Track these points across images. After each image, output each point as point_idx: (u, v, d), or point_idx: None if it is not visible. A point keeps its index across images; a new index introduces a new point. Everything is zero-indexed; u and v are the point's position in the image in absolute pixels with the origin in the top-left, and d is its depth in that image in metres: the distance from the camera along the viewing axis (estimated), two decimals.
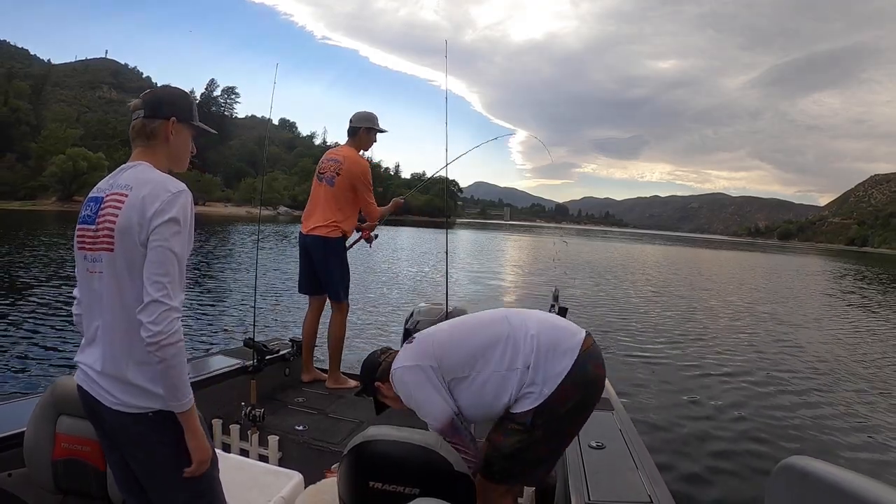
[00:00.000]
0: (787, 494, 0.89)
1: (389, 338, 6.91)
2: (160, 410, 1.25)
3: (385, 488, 1.43)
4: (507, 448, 1.56)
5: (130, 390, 1.25)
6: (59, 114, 71.90)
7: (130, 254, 1.24)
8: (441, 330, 1.72)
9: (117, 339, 1.26)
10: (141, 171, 1.32)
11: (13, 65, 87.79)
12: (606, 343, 7.95)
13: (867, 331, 10.97)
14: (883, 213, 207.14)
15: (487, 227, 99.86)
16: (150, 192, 1.25)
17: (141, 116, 1.38)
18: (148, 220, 1.23)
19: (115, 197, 1.29)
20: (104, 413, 1.28)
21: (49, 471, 1.59)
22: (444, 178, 4.27)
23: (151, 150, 1.38)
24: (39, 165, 52.42)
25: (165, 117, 1.39)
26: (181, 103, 1.43)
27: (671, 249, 56.75)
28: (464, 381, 1.58)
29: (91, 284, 1.31)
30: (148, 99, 1.40)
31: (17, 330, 6.88)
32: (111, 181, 1.34)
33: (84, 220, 1.33)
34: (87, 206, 1.34)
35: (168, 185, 1.28)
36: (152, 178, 1.30)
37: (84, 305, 1.36)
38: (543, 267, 22.05)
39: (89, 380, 1.30)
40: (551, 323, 1.65)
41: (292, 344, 3.35)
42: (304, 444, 2.53)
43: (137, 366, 1.25)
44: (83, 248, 1.32)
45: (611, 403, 2.31)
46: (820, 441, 4.63)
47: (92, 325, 1.32)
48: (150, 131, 1.38)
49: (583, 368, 1.54)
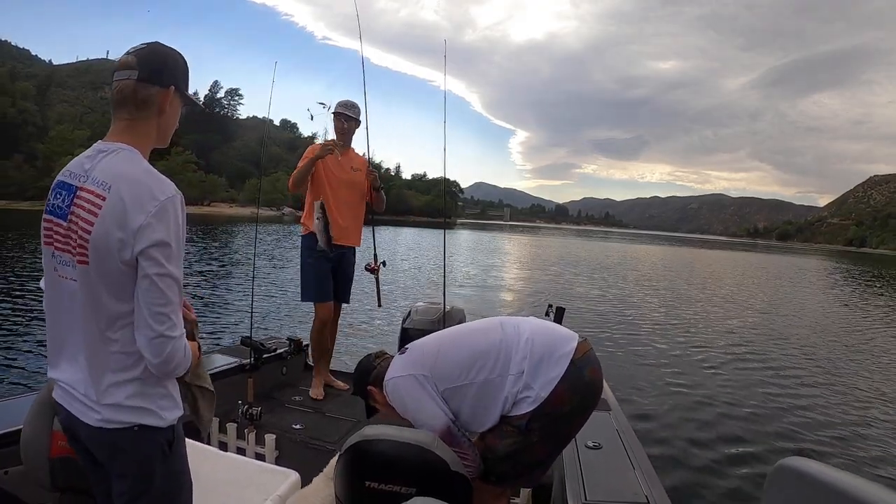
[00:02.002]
0: (784, 495, 0.89)
1: (387, 337, 6.91)
2: (144, 425, 1.14)
3: (381, 487, 1.43)
4: (502, 450, 1.56)
5: (111, 408, 1.12)
6: (65, 115, 72.34)
7: (108, 270, 1.07)
8: (434, 339, 1.72)
9: (94, 358, 1.12)
10: (122, 161, 1.10)
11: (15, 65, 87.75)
12: (604, 343, 7.95)
13: (866, 331, 10.98)
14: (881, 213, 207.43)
15: (487, 228, 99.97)
16: (134, 200, 1.05)
17: (133, 78, 1.12)
18: (132, 236, 1.04)
19: (90, 196, 1.08)
20: (84, 431, 1.16)
21: (46, 469, 1.58)
22: (444, 178, 4.28)
23: (141, 125, 1.15)
24: (47, 166, 53.13)
25: (165, 85, 1.16)
26: (183, 69, 1.21)
27: (669, 249, 56.86)
28: (459, 389, 1.58)
29: (59, 288, 1.14)
30: (146, 58, 1.14)
31: (14, 327, 6.88)
32: (87, 166, 1.12)
33: (53, 211, 1.13)
34: (57, 194, 1.13)
35: (154, 189, 1.07)
36: (135, 177, 1.08)
37: (50, 307, 1.18)
38: (542, 266, 22.06)
39: (69, 397, 1.16)
40: (546, 329, 1.65)
41: (290, 343, 3.34)
42: (300, 442, 2.53)
43: (116, 384, 1.12)
44: (51, 244, 1.14)
45: (608, 403, 2.31)
46: (817, 442, 4.63)
47: (60, 334, 1.17)
48: (142, 99, 1.13)
49: (578, 373, 1.54)
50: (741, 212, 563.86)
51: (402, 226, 56.95)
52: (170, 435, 1.18)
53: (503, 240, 50.07)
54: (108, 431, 1.12)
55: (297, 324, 7.53)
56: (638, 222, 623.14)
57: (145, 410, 1.14)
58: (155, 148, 1.21)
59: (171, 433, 1.19)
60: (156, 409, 1.15)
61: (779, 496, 0.90)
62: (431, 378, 1.58)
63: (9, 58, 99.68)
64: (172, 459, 1.20)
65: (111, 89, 1.16)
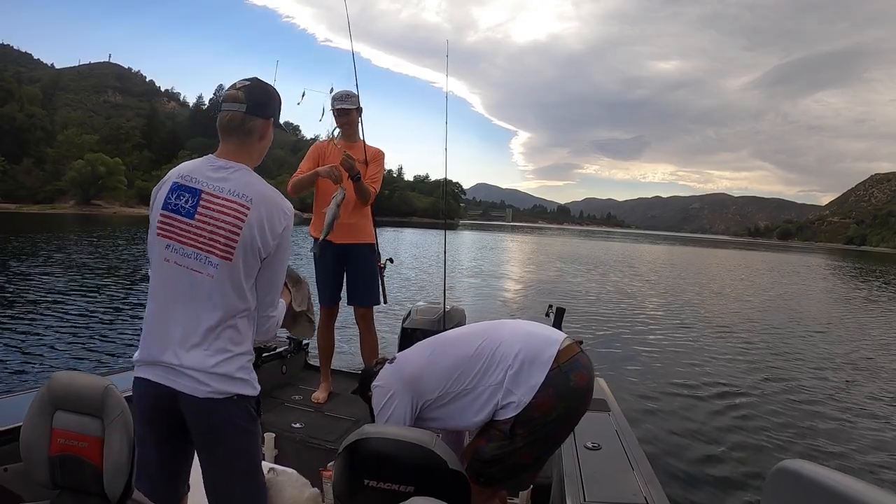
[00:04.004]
0: (782, 498, 0.89)
1: (386, 337, 6.91)
2: (242, 395, 1.35)
3: (380, 486, 1.43)
4: (488, 453, 1.58)
5: (218, 379, 1.32)
6: (72, 119, 73.20)
7: (248, 266, 1.32)
8: (420, 349, 1.75)
9: (211, 339, 1.31)
10: (250, 179, 1.35)
11: (18, 69, 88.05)
12: (604, 343, 7.95)
13: (864, 332, 10.94)
14: (882, 211, 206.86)
15: (489, 229, 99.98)
16: (273, 214, 1.33)
17: (242, 111, 1.33)
18: (268, 242, 1.32)
19: (234, 206, 1.30)
20: (189, 404, 1.32)
21: (45, 466, 1.58)
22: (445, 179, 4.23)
23: (246, 149, 1.36)
24: (56, 170, 53.82)
25: (266, 117, 1.37)
26: (279, 103, 1.41)
27: (669, 249, 56.83)
28: (441, 398, 1.62)
29: (177, 277, 1.31)
30: (251, 94, 1.34)
31: (15, 324, 6.90)
32: (214, 178, 1.32)
33: (176, 209, 1.31)
34: (179, 195, 1.31)
35: (284, 206, 1.37)
36: (269, 196, 1.35)
37: (161, 294, 1.35)
38: (543, 266, 22.04)
39: (172, 372, 1.32)
40: (530, 334, 1.65)
41: (290, 342, 3.33)
42: (300, 441, 2.53)
43: (226, 359, 1.33)
44: (167, 237, 1.31)
45: (607, 404, 2.30)
46: (816, 444, 4.61)
47: (171, 319, 1.33)
48: (248, 128, 1.34)
49: (563, 378, 1.54)
50: (743, 211, 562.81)
51: (405, 227, 56.95)
52: (257, 402, 1.41)
53: (505, 240, 50.09)
54: (215, 401, 1.32)
55: None
56: (640, 222, 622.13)
57: (245, 381, 1.36)
58: (165, 152, 1.33)
59: (258, 401, 1.42)
60: (251, 379, 1.39)
61: (777, 498, 0.90)
62: (409, 390, 1.63)
63: (11, 61, 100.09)
64: (257, 422, 1.42)
65: (220, 116, 1.36)
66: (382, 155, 3.06)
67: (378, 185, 3.01)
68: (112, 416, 1.53)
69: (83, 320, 7.50)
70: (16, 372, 5.24)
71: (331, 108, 2.97)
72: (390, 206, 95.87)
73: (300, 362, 3.46)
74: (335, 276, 3.04)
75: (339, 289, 3.09)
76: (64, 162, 53.78)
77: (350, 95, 2.96)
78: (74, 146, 55.81)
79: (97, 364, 5.65)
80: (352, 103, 2.95)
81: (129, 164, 56.32)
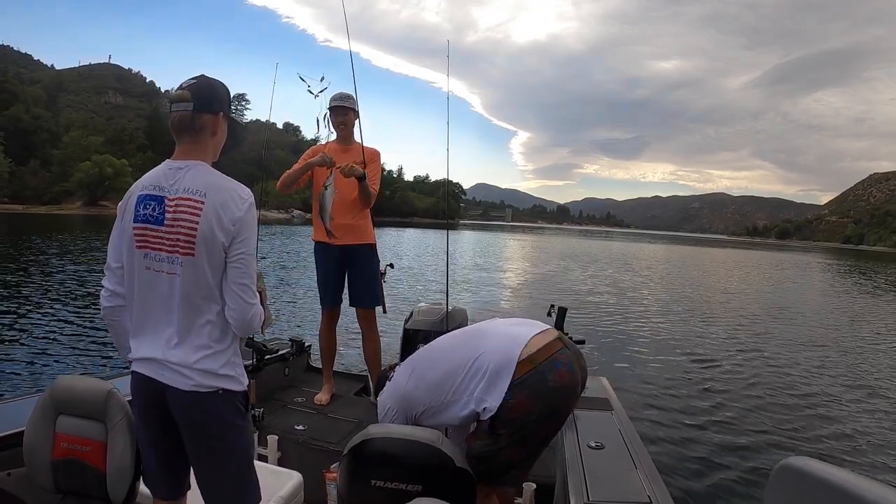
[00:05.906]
0: (786, 495, 0.89)
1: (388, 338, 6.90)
2: (228, 390, 1.38)
3: (387, 486, 1.43)
4: (475, 451, 1.61)
5: (201, 374, 1.35)
6: (78, 121, 73.54)
7: (212, 258, 1.33)
8: (403, 371, 1.81)
9: (190, 334, 1.35)
10: (205, 173, 1.36)
11: (19, 70, 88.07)
12: (606, 342, 7.95)
13: (863, 330, 10.93)
14: (880, 211, 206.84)
15: (489, 229, 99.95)
16: (227, 201, 1.33)
17: (189, 110, 1.35)
18: (228, 230, 1.33)
19: (189, 203, 1.32)
20: (175, 397, 1.35)
21: (48, 471, 1.58)
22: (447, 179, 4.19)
23: (201, 146, 1.39)
24: (62, 171, 54.12)
25: (215, 112, 1.39)
26: (226, 97, 1.43)
27: (668, 248, 56.79)
28: (430, 410, 1.69)
29: (155, 282, 1.35)
30: (198, 92, 1.37)
31: (17, 329, 6.90)
32: (171, 181, 1.35)
33: (146, 220, 1.34)
34: (146, 205, 1.35)
35: (240, 191, 1.37)
36: (222, 185, 1.36)
37: (142, 298, 1.38)
38: (544, 265, 22.03)
39: (159, 367, 1.36)
40: (509, 336, 1.66)
41: (292, 344, 3.33)
42: (303, 443, 2.52)
43: (207, 355, 1.36)
44: (145, 247, 1.35)
45: (610, 403, 2.30)
46: (819, 441, 4.60)
47: (152, 319, 1.37)
48: (199, 125, 1.37)
49: (538, 378, 1.55)
50: (743, 211, 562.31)
51: (406, 227, 56.95)
52: (244, 397, 1.44)
53: (505, 240, 50.06)
54: (200, 395, 1.35)
55: (300, 325, 7.55)
56: (640, 222, 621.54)
57: (230, 377, 1.38)
58: (168, 153, 1.43)
59: (245, 396, 1.44)
60: (236, 375, 1.41)
61: (781, 496, 0.90)
62: (402, 407, 1.73)
63: (11, 63, 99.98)
64: (245, 417, 1.44)
65: (169, 118, 1.39)
66: (378, 155, 3.04)
67: (377, 185, 2.98)
68: (115, 420, 1.53)
69: (86, 323, 7.44)
70: (18, 376, 5.23)
71: (328, 106, 2.95)
72: (391, 207, 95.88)
73: (302, 364, 3.45)
74: (336, 277, 3.03)
75: (341, 291, 3.07)
76: (70, 163, 54.10)
77: (349, 97, 2.96)
78: (80, 148, 56.12)
79: (100, 368, 5.63)
80: (349, 104, 2.95)
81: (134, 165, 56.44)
